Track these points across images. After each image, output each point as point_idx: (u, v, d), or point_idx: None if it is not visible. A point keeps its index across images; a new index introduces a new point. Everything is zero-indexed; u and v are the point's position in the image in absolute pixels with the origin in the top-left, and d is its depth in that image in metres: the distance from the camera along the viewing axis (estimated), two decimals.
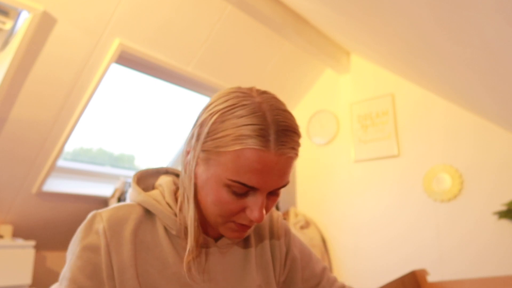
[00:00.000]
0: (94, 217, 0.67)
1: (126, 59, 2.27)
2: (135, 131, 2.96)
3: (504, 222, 2.21)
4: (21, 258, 2.21)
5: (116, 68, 2.35)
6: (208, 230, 0.72)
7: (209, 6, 2.23)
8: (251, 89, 0.66)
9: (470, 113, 2.42)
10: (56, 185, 2.50)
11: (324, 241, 2.83)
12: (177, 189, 0.74)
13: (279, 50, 2.77)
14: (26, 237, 2.47)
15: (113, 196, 2.65)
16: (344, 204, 2.83)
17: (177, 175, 0.80)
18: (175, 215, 0.69)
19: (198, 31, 2.31)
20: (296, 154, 0.63)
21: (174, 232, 0.69)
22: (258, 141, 0.59)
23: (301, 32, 2.46)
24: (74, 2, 1.85)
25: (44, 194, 2.42)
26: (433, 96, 2.57)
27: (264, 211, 0.62)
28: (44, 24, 1.82)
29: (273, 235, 0.80)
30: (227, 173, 0.60)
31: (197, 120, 0.66)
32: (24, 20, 1.78)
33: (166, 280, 0.66)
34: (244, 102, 0.61)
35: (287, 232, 0.82)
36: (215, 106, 0.63)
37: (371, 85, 2.84)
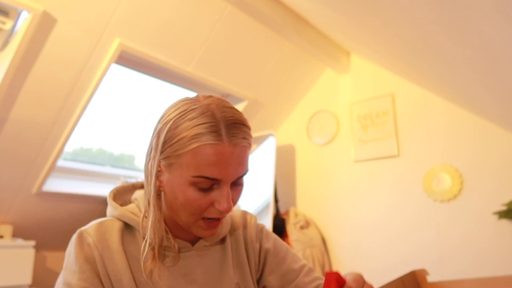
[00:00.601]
0: (81, 234, 0.71)
1: (126, 59, 2.27)
2: (135, 131, 2.96)
3: (504, 222, 2.21)
4: (21, 258, 2.21)
5: (116, 68, 2.35)
6: (183, 235, 0.76)
7: (209, 6, 2.23)
8: (197, 96, 0.72)
9: (470, 113, 2.42)
10: (56, 185, 2.50)
11: (324, 241, 2.83)
12: None
13: (279, 50, 2.77)
14: (26, 237, 2.47)
15: None
16: (344, 204, 2.83)
17: None
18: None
19: (198, 31, 2.31)
20: (249, 144, 0.69)
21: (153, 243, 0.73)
22: (212, 136, 0.64)
23: (301, 32, 2.46)
24: (74, 2, 1.85)
25: (44, 194, 2.42)
26: (433, 96, 2.57)
27: (231, 202, 0.67)
28: (44, 24, 1.82)
29: (246, 235, 0.84)
30: (190, 171, 0.65)
31: (153, 132, 0.71)
32: (24, 20, 1.78)
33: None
34: (193, 107, 0.67)
35: (260, 230, 0.86)
36: (168, 115, 0.69)
37: (371, 85, 2.84)
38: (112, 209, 0.77)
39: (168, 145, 0.67)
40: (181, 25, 2.22)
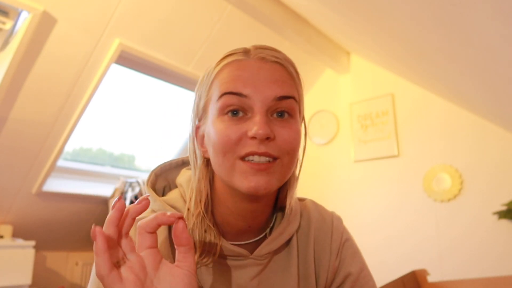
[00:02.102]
0: None
1: (126, 59, 2.27)
2: (135, 131, 2.96)
3: (504, 222, 2.21)
4: (21, 258, 2.21)
5: (116, 68, 2.35)
6: (241, 237, 0.61)
7: (209, 6, 2.23)
8: None
9: (470, 113, 2.42)
10: (56, 185, 2.50)
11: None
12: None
13: (279, 50, 2.77)
14: (26, 237, 2.47)
15: (113, 196, 2.64)
16: (344, 204, 2.82)
17: None
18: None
19: (198, 31, 2.31)
20: (286, 66, 0.60)
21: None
22: (236, 55, 0.58)
23: (301, 32, 2.46)
24: (74, 2, 1.85)
25: (44, 194, 2.42)
26: (433, 96, 2.57)
27: (266, 127, 0.53)
28: (44, 24, 1.82)
29: (324, 240, 0.67)
30: (217, 95, 0.56)
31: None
32: (24, 20, 1.78)
33: None
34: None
35: (344, 243, 0.68)
36: None
37: (371, 85, 2.84)
38: (150, 200, 0.57)
39: (198, 96, 0.61)
40: (181, 25, 2.22)
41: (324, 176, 2.96)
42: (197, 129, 0.61)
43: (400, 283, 0.88)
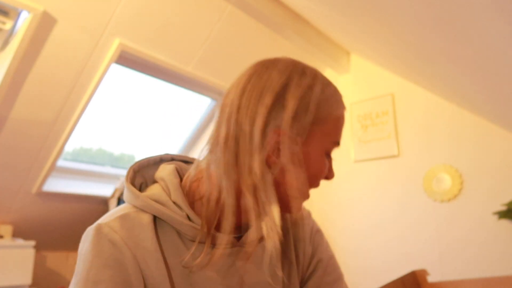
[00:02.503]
0: (99, 229, 0.55)
1: (126, 59, 2.27)
2: (135, 131, 2.96)
3: (504, 222, 2.21)
4: (21, 258, 2.21)
5: (116, 68, 2.35)
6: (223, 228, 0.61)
7: (209, 6, 2.23)
8: (296, 63, 0.69)
9: (470, 113, 2.42)
10: (56, 185, 2.50)
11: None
12: (181, 180, 0.64)
13: (279, 50, 2.77)
14: (26, 237, 2.47)
15: (113, 196, 2.65)
16: (344, 204, 2.82)
17: (184, 161, 0.69)
18: (187, 217, 0.59)
19: (198, 31, 2.31)
20: None
21: (189, 238, 0.59)
22: (344, 107, 0.66)
23: (301, 32, 2.46)
24: (74, 2, 1.85)
25: (44, 194, 2.42)
26: (433, 96, 2.57)
27: None
28: (44, 24, 1.82)
29: (298, 230, 0.72)
30: (332, 137, 0.62)
31: (296, 101, 0.59)
32: (24, 20, 1.78)
33: None
34: (320, 77, 0.67)
35: (316, 232, 0.75)
36: (296, 87, 0.60)
37: (371, 85, 2.84)
38: (131, 196, 0.60)
39: (308, 109, 0.58)
40: (181, 25, 2.22)
41: None
42: (283, 133, 0.57)
43: (400, 283, 0.88)
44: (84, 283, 0.51)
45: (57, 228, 2.67)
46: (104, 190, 2.72)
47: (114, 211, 0.60)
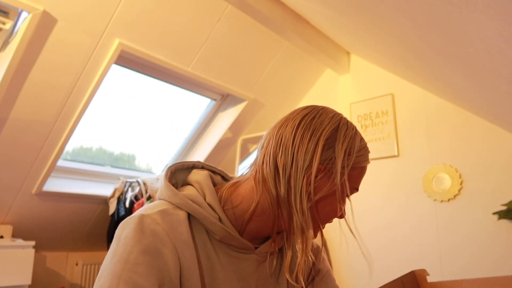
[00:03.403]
0: (142, 218, 0.60)
1: (126, 60, 2.27)
2: (135, 130, 2.96)
3: (504, 222, 2.21)
4: (21, 258, 2.21)
5: (116, 69, 2.35)
6: (248, 235, 0.69)
7: (209, 6, 2.23)
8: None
9: (470, 113, 2.42)
10: (56, 185, 2.50)
11: (324, 241, 2.82)
12: (216, 188, 0.71)
13: (279, 50, 2.77)
14: (26, 237, 2.47)
15: (113, 196, 2.65)
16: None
17: (212, 171, 0.75)
18: (219, 219, 0.65)
19: (198, 31, 2.31)
20: None
21: (217, 238, 0.66)
22: (368, 159, 0.72)
23: (301, 32, 2.46)
24: (74, 2, 1.85)
25: (44, 194, 2.42)
26: (433, 96, 2.57)
27: None
28: (44, 24, 1.82)
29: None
30: (354, 183, 0.71)
31: (344, 148, 0.68)
32: (24, 20, 1.78)
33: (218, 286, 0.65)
34: (359, 132, 0.72)
35: (316, 249, 0.85)
36: (341, 124, 0.69)
37: (371, 85, 2.84)
38: (170, 194, 0.66)
39: (347, 153, 0.67)
40: (181, 25, 2.22)
41: None
42: (324, 168, 0.66)
43: (400, 283, 0.88)
44: (124, 264, 0.56)
45: (57, 228, 2.67)
46: (104, 190, 2.72)
47: (153, 205, 0.65)
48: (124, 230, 0.60)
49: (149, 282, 0.55)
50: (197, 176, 0.70)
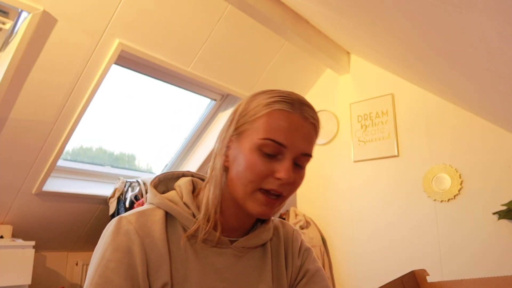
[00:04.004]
0: (120, 220, 0.69)
1: (126, 60, 2.27)
2: (135, 130, 2.96)
3: (504, 222, 2.21)
4: (21, 258, 2.21)
5: (116, 69, 2.35)
6: (225, 231, 0.74)
7: (209, 6, 2.23)
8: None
9: (470, 113, 2.42)
10: (56, 185, 2.50)
11: (324, 241, 2.83)
12: (194, 189, 0.78)
13: (279, 50, 2.77)
14: (26, 237, 2.47)
15: (113, 196, 2.65)
16: (344, 204, 2.82)
17: (201, 179, 0.82)
18: (193, 215, 0.72)
19: (198, 31, 2.31)
20: (317, 128, 0.73)
21: (193, 233, 0.71)
22: (285, 105, 0.69)
23: (301, 32, 2.46)
24: (74, 2, 1.85)
25: (44, 194, 2.42)
26: (433, 96, 2.57)
27: (291, 174, 0.67)
28: (44, 24, 1.82)
29: (288, 248, 0.83)
30: (260, 134, 0.68)
31: (231, 116, 0.74)
32: (24, 20, 1.78)
33: (190, 280, 0.69)
34: (271, 90, 0.74)
35: (306, 250, 0.85)
36: (244, 99, 0.74)
37: (371, 85, 2.84)
38: (151, 196, 0.75)
39: (242, 116, 0.71)
40: (181, 25, 2.22)
41: (324, 176, 2.96)
42: (230, 140, 0.72)
43: (399, 283, 0.88)
44: (100, 260, 0.65)
45: (57, 228, 2.67)
46: (104, 190, 2.72)
47: (137, 208, 0.74)
48: (107, 230, 0.69)
49: (119, 276, 0.63)
50: (180, 181, 0.78)
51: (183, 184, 0.77)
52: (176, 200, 0.73)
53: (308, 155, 0.71)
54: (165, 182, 0.80)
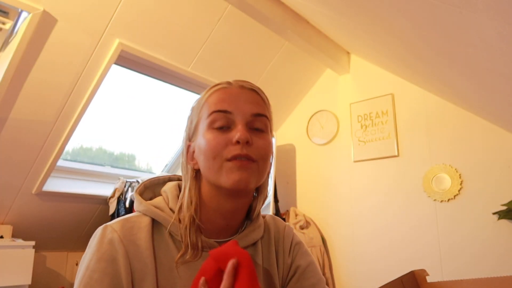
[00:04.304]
0: (105, 229, 0.68)
1: (126, 60, 2.27)
2: (135, 130, 2.96)
3: (504, 222, 2.21)
4: (21, 258, 2.21)
5: (116, 69, 2.35)
6: (213, 235, 0.73)
7: (209, 6, 2.23)
8: None
9: (470, 113, 2.42)
10: (56, 185, 2.50)
11: (324, 241, 2.83)
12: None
13: (279, 50, 2.77)
14: (26, 237, 2.47)
15: (113, 196, 2.64)
16: (344, 204, 2.82)
17: None
18: (180, 221, 0.71)
19: (198, 31, 2.31)
20: (260, 93, 0.74)
21: (179, 239, 0.70)
22: (221, 85, 0.73)
23: (301, 32, 2.46)
24: (74, 2, 1.85)
25: (44, 194, 2.42)
26: (433, 96, 2.57)
27: (247, 134, 0.67)
28: (44, 24, 1.82)
29: (279, 245, 0.81)
30: (206, 116, 0.71)
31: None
32: (24, 20, 1.78)
33: (179, 287, 0.68)
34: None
35: (296, 245, 0.83)
36: None
37: (371, 85, 2.84)
38: (137, 203, 0.75)
39: (190, 120, 0.75)
40: (181, 25, 2.22)
41: (324, 176, 2.96)
42: (188, 147, 0.75)
43: (399, 283, 0.88)
44: (85, 269, 0.65)
45: (57, 228, 2.67)
46: (104, 190, 2.72)
47: (123, 216, 0.73)
48: (93, 239, 0.68)
49: (100, 286, 0.63)
50: (166, 187, 0.78)
51: (168, 189, 0.76)
52: (162, 206, 0.73)
53: (260, 115, 0.71)
54: (152, 188, 0.80)
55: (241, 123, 0.69)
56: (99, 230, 0.68)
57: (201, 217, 0.72)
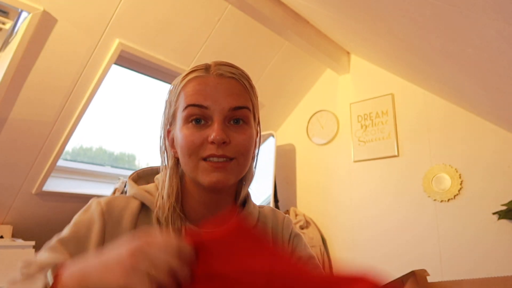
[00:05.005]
0: (92, 201, 0.70)
1: (126, 60, 2.27)
2: (135, 130, 2.96)
3: (504, 222, 2.21)
4: (21, 258, 2.21)
5: (116, 69, 2.35)
6: (197, 222, 0.71)
7: (209, 6, 2.23)
8: None
9: (470, 113, 2.42)
10: (56, 185, 2.50)
11: (324, 241, 2.83)
12: None
13: (279, 50, 2.77)
14: (26, 237, 2.47)
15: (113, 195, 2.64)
16: (344, 204, 2.82)
17: None
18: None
19: (198, 31, 2.31)
20: (241, 80, 0.70)
21: (165, 224, 0.70)
22: (197, 72, 0.69)
23: (301, 32, 2.46)
24: (74, 2, 1.85)
25: (44, 194, 2.42)
26: (433, 96, 2.57)
27: (223, 133, 0.64)
28: (44, 24, 1.82)
29: (277, 235, 0.80)
30: (182, 106, 0.68)
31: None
32: (24, 20, 1.78)
33: None
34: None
35: (296, 236, 0.81)
36: None
37: (371, 85, 2.84)
38: (129, 187, 0.75)
39: (169, 104, 0.72)
40: (181, 25, 2.22)
41: (324, 176, 2.96)
42: (168, 132, 0.74)
43: (400, 283, 0.88)
44: (65, 228, 0.69)
45: (57, 228, 2.65)
46: (104, 190, 2.71)
47: (117, 195, 0.74)
48: (81, 209, 0.71)
49: (63, 246, 0.65)
50: (159, 175, 0.77)
51: (161, 177, 0.76)
52: (152, 191, 0.72)
53: (240, 108, 0.67)
54: (145, 178, 0.79)
55: (218, 120, 0.65)
56: (90, 202, 0.71)
57: (184, 206, 0.72)
